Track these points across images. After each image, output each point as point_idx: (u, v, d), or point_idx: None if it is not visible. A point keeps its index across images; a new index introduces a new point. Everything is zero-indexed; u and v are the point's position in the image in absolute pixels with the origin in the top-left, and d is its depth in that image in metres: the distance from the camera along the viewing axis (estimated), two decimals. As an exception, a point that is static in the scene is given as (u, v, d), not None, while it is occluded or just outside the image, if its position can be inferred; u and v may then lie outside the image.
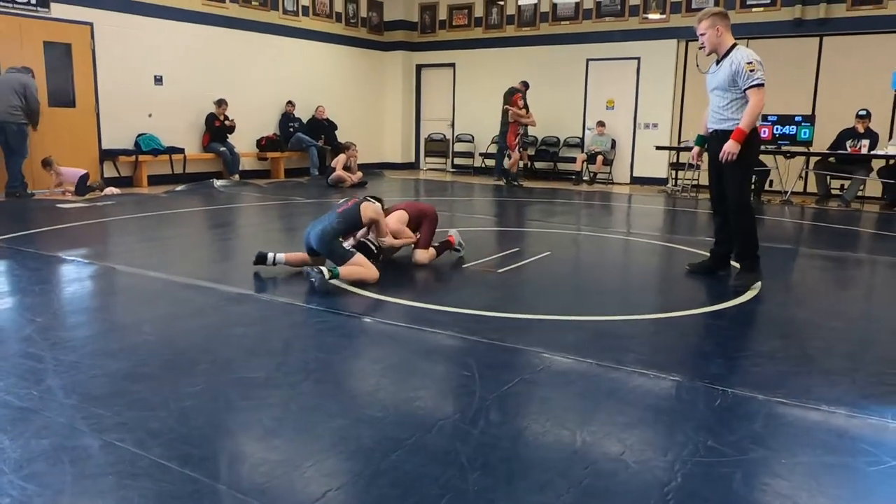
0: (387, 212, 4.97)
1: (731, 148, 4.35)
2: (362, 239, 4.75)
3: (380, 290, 4.27)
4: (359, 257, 4.40)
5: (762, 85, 4.28)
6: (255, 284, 4.42)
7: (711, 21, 4.42)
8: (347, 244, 4.59)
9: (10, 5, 8.73)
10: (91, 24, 9.58)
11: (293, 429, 2.37)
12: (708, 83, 4.61)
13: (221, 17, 11.26)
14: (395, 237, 4.92)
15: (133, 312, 3.90)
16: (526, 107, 11.64)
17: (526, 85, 12.01)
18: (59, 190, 8.92)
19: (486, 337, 3.38)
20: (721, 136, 4.48)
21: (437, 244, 5.21)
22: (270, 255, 4.66)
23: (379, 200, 4.86)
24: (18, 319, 3.65)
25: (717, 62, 4.51)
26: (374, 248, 4.73)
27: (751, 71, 4.27)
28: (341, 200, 4.83)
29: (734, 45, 4.43)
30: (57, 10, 9.19)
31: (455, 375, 2.94)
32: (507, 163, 11.71)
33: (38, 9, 9.01)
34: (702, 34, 4.48)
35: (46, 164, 8.80)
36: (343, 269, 4.28)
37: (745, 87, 4.30)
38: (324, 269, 4.18)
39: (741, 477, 2.09)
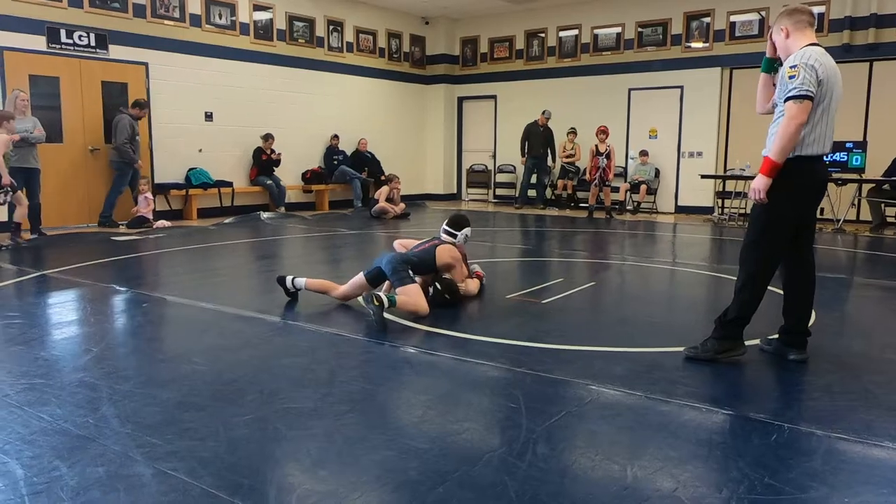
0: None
1: (756, 184, 3.30)
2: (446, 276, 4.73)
3: (424, 321, 4.28)
4: (415, 287, 4.41)
5: (801, 97, 3.17)
6: (301, 315, 4.47)
7: (777, 23, 3.45)
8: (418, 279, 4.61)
9: (71, 48, 9.17)
10: (146, 64, 9.99)
11: (339, 460, 2.38)
12: None
13: (269, 54, 11.61)
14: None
15: (183, 343, 3.99)
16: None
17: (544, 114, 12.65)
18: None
19: (531, 368, 3.35)
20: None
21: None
22: (289, 279, 4.75)
23: (463, 222, 5.00)
24: (75, 349, 3.76)
25: None
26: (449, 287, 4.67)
27: (790, 77, 3.21)
28: (421, 241, 4.91)
29: (802, 48, 3.30)
30: (115, 51, 9.61)
31: (501, 407, 2.91)
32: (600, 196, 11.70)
33: (98, 50, 9.44)
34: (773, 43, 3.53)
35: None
36: (399, 300, 4.29)
37: (782, 98, 3.27)
38: (383, 296, 4.17)
39: (801, 516, 2.01)
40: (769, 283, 3.48)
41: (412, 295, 4.35)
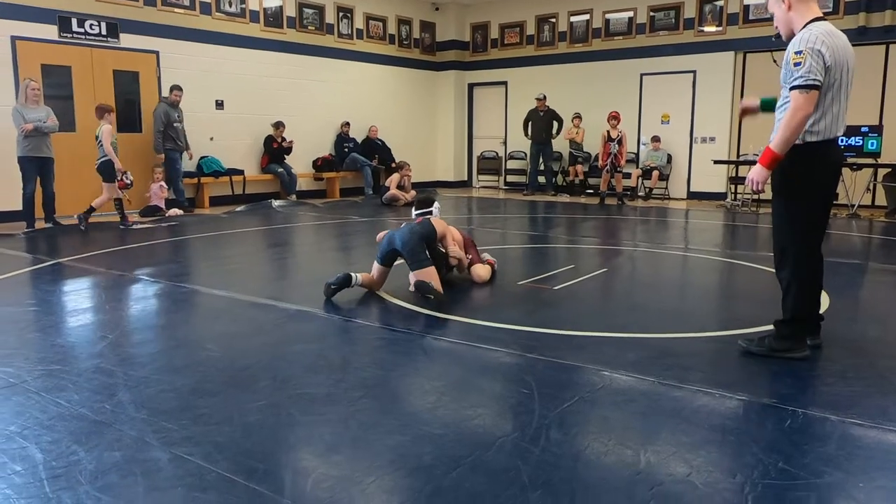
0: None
1: (755, 175, 3.15)
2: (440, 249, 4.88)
3: (437, 307, 4.28)
4: (434, 270, 4.49)
5: (808, 87, 3.00)
6: (313, 302, 4.49)
7: None
8: None
9: (83, 37, 9.19)
10: (157, 53, 10.00)
11: (353, 445, 2.39)
12: None
13: (279, 42, 11.59)
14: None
15: (197, 329, 4.02)
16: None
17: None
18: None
19: (544, 354, 3.35)
20: None
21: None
22: (358, 276, 4.59)
23: (430, 199, 5.21)
24: (91, 336, 3.80)
25: None
26: (445, 258, 4.87)
27: (795, 64, 3.03)
28: (411, 218, 4.95)
29: (807, 24, 3.12)
30: (126, 40, 9.63)
31: (514, 393, 2.91)
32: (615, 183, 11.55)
33: (109, 39, 9.46)
34: (771, 15, 3.35)
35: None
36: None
37: (787, 85, 3.11)
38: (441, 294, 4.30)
39: (816, 501, 2.01)
40: (818, 275, 3.30)
41: (433, 278, 4.41)
